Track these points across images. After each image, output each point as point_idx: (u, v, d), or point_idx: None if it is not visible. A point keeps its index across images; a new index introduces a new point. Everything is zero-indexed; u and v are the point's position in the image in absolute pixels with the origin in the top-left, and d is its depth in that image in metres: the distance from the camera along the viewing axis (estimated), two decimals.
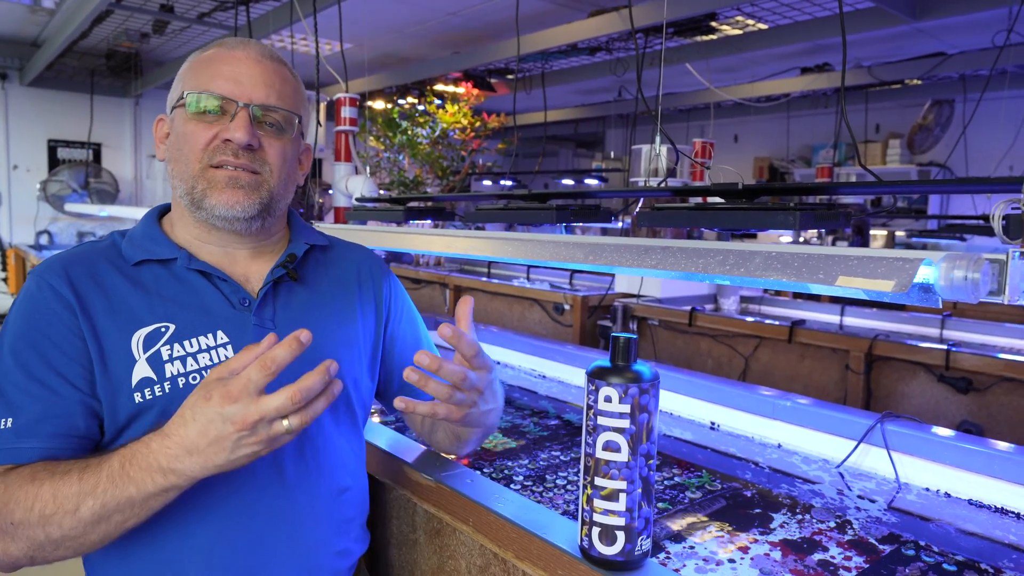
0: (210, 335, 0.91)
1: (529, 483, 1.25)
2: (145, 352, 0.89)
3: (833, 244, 4.25)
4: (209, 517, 0.89)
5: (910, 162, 6.28)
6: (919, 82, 5.65)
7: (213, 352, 0.91)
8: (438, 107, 5.14)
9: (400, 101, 5.97)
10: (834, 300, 3.34)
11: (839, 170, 5.07)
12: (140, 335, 0.89)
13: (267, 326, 0.95)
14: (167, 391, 0.88)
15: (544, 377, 1.98)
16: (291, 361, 0.76)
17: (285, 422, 0.76)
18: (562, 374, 1.93)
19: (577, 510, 1.12)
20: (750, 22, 4.44)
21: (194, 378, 0.89)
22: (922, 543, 1.06)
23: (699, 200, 1.97)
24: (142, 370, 0.88)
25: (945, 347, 2.40)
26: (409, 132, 5.05)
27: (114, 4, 3.94)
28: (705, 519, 1.13)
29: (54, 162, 6.14)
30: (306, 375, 0.75)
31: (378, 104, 6.26)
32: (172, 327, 0.90)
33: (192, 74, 0.96)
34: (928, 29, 4.31)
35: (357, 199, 2.30)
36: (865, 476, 1.32)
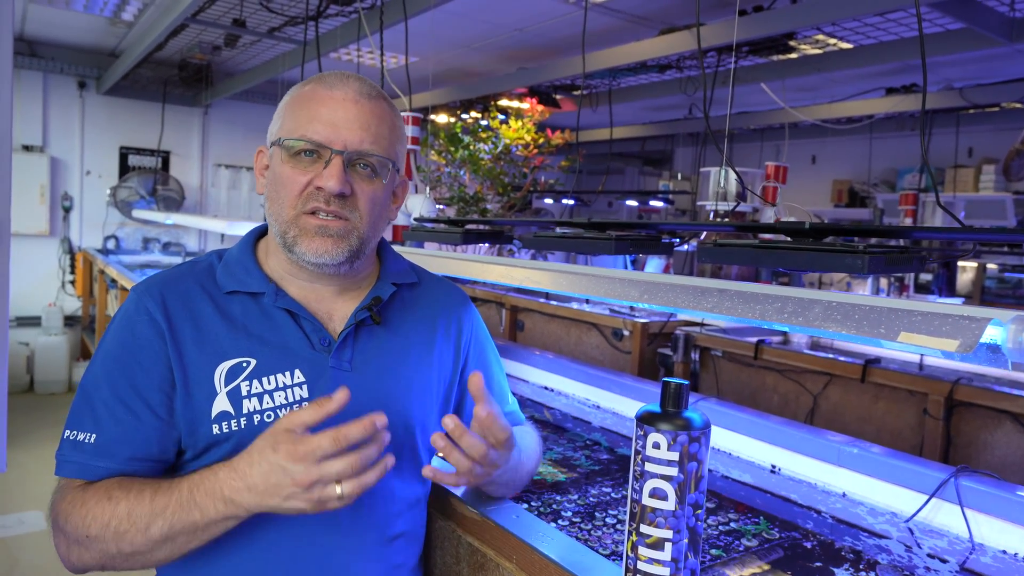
0: (288, 373, 0.95)
1: (577, 520, 1.22)
2: (226, 386, 0.93)
3: (916, 278, 4.03)
4: (263, 556, 0.93)
5: (1005, 189, 5.87)
6: (1018, 105, 5.32)
7: (288, 391, 0.94)
8: (501, 122, 5.12)
9: (464, 116, 5.99)
10: None
11: (925, 196, 4.77)
12: (223, 368, 0.93)
13: (344, 367, 0.98)
14: (243, 427, 0.92)
15: (598, 408, 1.94)
16: (362, 439, 0.81)
17: (339, 488, 0.80)
18: (617, 405, 1.89)
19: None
20: (831, 41, 4.28)
21: (269, 416, 0.93)
22: None
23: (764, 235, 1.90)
24: (222, 403, 0.92)
25: None
26: (471, 147, 5.04)
27: (190, 19, 4.10)
28: (761, 570, 1.08)
29: (124, 169, 6.31)
30: (365, 446, 0.81)
31: (441, 118, 6.31)
32: (253, 362, 0.94)
33: (291, 112, 0.97)
34: None
35: (415, 219, 2.32)
36: (936, 534, 1.23)
